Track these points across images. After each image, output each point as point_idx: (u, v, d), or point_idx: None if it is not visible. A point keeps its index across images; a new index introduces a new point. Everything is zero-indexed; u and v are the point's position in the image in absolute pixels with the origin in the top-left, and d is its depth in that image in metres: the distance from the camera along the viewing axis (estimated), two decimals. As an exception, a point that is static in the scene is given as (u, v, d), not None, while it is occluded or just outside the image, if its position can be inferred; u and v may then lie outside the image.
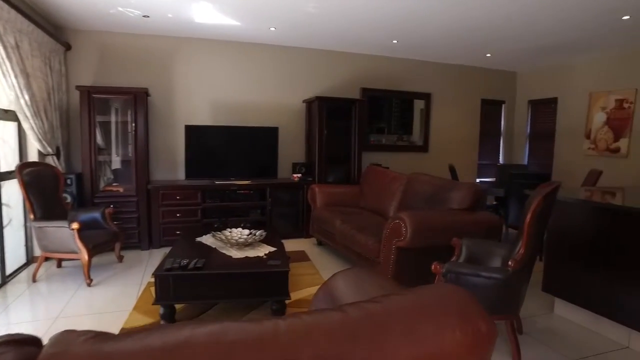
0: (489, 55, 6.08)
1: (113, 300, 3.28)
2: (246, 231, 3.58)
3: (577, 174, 6.36)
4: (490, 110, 7.31)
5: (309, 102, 5.65)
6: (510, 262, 2.21)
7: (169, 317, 2.75)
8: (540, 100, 7.07)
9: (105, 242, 3.92)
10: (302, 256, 4.47)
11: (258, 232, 3.50)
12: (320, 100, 5.27)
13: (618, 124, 5.87)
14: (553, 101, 6.81)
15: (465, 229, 3.22)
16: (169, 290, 2.69)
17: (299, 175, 5.37)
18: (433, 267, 2.32)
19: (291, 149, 5.76)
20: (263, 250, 3.23)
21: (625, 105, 5.78)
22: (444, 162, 6.86)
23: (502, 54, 6.00)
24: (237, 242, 3.26)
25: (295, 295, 3.30)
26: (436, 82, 6.71)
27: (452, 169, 5.50)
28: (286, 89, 5.72)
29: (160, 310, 2.76)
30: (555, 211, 2.85)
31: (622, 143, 5.82)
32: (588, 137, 6.26)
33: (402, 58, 6.40)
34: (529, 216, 2.14)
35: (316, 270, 4.01)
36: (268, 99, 5.65)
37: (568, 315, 3.08)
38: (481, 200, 3.56)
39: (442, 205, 3.58)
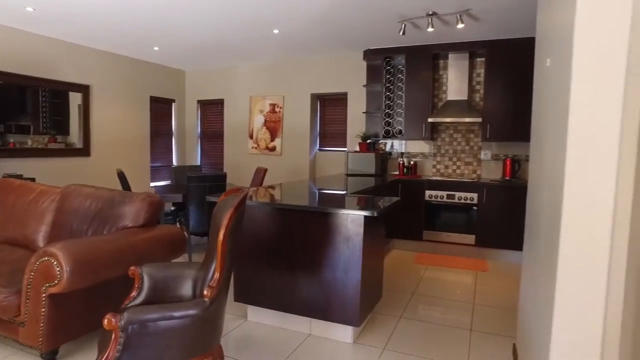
0: (157, 48, 5.59)
1: None
2: None
3: (244, 172, 6.83)
4: (160, 109, 6.88)
5: None
6: (206, 292, 1.84)
7: None
8: (208, 100, 7.19)
9: None
10: None
11: None
12: None
13: (273, 125, 6.62)
14: (220, 102, 7.05)
15: (146, 251, 2.66)
16: None
17: None
18: (106, 322, 1.67)
19: None
20: None
21: (277, 109, 6.57)
22: (111, 167, 5.94)
23: (170, 49, 5.64)
24: None
25: None
26: (97, 74, 5.69)
27: (121, 176, 4.72)
28: None
29: None
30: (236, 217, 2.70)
31: (277, 142, 6.60)
32: (251, 137, 6.79)
33: (48, 37, 5.04)
34: (222, 234, 1.82)
35: None
36: None
37: (261, 319, 3.04)
38: (160, 212, 3.07)
39: (113, 225, 2.87)
